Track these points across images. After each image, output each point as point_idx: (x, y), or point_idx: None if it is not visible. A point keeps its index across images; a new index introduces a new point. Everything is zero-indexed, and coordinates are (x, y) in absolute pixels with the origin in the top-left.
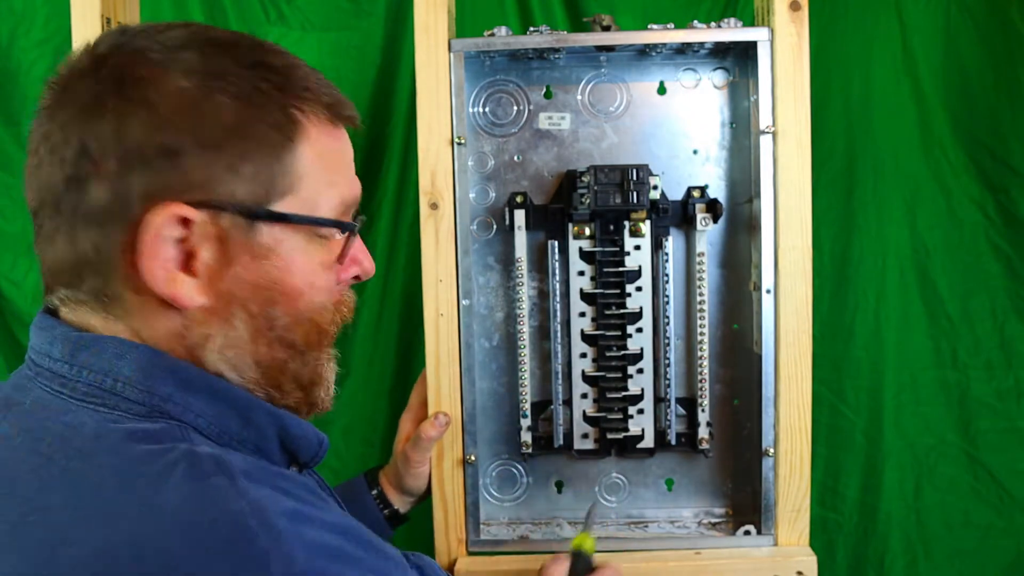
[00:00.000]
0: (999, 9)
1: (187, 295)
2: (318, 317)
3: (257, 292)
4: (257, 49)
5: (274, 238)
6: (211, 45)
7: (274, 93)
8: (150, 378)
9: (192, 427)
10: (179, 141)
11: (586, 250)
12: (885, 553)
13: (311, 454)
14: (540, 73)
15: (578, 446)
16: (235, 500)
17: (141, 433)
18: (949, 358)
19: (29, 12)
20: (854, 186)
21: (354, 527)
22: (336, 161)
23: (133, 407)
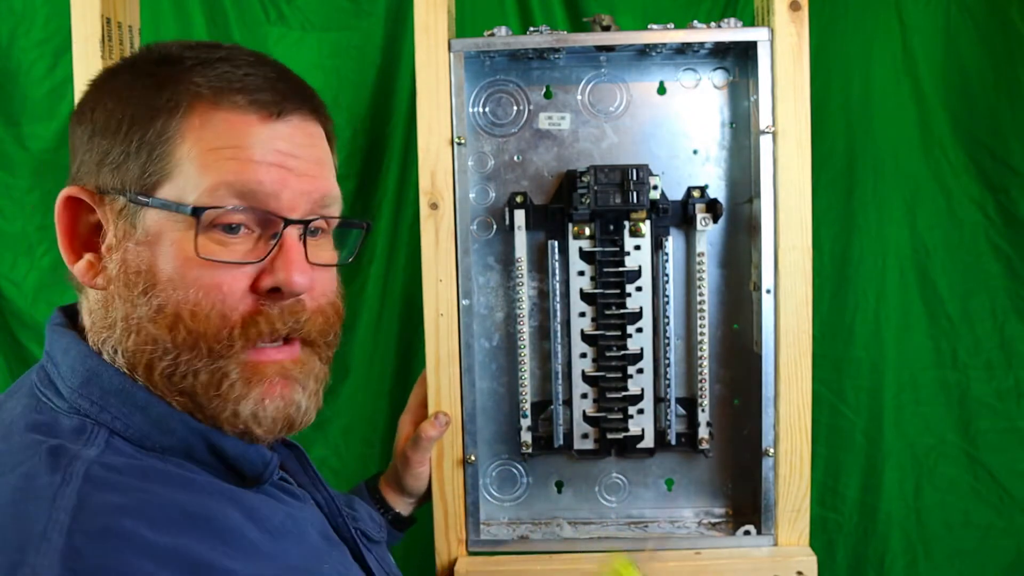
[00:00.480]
0: (999, 9)
1: (82, 270)
2: (188, 316)
3: (134, 277)
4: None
5: (157, 225)
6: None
7: (162, 85)
8: (79, 378)
9: (109, 429)
10: (80, 134)
11: (586, 250)
12: (885, 553)
13: (255, 472)
14: (540, 73)
15: (578, 446)
16: (43, 504)
17: (44, 427)
18: (949, 358)
19: (29, 12)
20: (854, 186)
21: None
22: (215, 145)
23: (60, 403)
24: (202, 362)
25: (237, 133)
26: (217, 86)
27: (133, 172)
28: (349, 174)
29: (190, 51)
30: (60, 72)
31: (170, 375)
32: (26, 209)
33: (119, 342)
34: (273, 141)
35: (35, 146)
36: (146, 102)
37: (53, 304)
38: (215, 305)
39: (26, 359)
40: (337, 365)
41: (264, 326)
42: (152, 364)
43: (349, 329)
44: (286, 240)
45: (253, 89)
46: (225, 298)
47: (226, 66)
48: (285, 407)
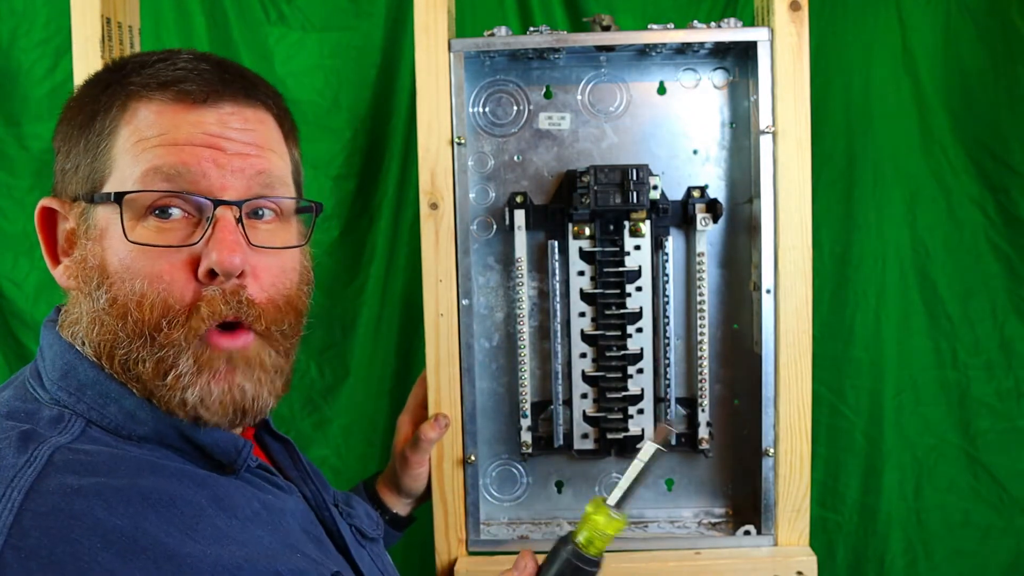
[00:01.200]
0: (999, 9)
1: (58, 274)
2: (134, 306)
3: (91, 272)
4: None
5: (103, 219)
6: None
7: (105, 88)
8: (59, 371)
9: (86, 419)
10: (55, 147)
11: (586, 250)
12: (885, 553)
13: (230, 459)
14: (540, 73)
15: (578, 446)
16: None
17: (23, 414)
18: (949, 358)
19: (29, 12)
20: (854, 186)
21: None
22: (144, 135)
23: (43, 394)
24: (147, 350)
25: (164, 121)
26: (147, 82)
27: (84, 173)
28: (349, 174)
29: (136, 57)
30: (60, 72)
31: (124, 363)
32: (27, 209)
33: (87, 335)
34: (201, 125)
35: (35, 146)
36: (92, 107)
37: (54, 304)
38: (159, 293)
39: (27, 359)
40: (337, 365)
41: (205, 310)
42: (112, 355)
43: (349, 329)
44: (219, 221)
45: (180, 80)
46: (168, 286)
47: (161, 65)
48: (231, 391)
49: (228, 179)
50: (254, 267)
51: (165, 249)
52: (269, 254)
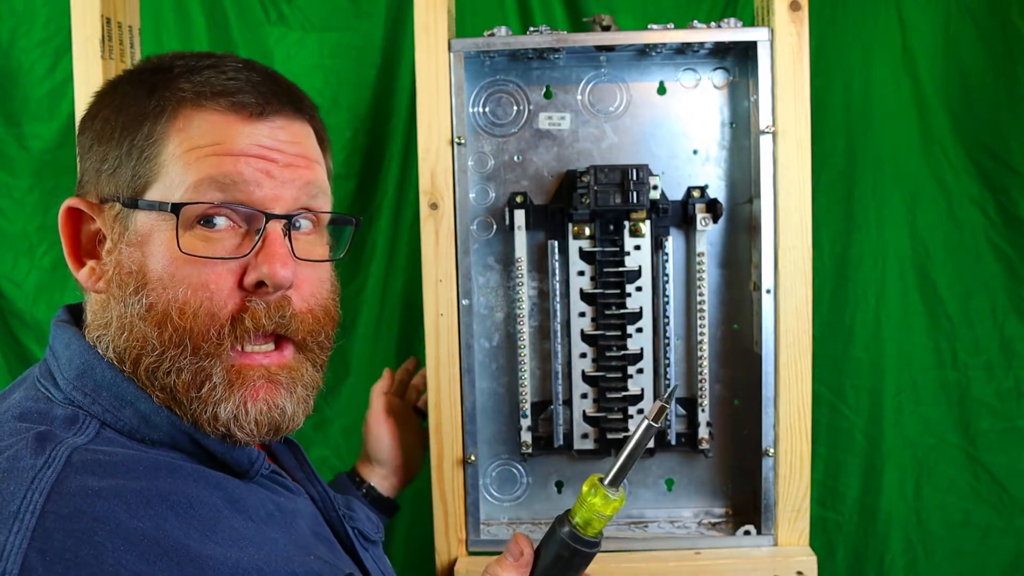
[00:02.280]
0: (999, 9)
1: (85, 277)
2: (176, 314)
3: (127, 278)
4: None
5: (147, 226)
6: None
7: (152, 92)
8: (75, 371)
9: (100, 420)
10: (83, 143)
11: (586, 250)
12: (885, 553)
13: (243, 468)
14: (540, 73)
15: (578, 446)
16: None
17: (36, 414)
18: (949, 358)
19: (29, 12)
20: (854, 186)
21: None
22: (198, 144)
23: (56, 394)
24: (186, 360)
25: (218, 131)
26: (201, 90)
27: (125, 177)
28: (349, 174)
29: (180, 60)
30: (60, 72)
31: (154, 371)
32: (27, 209)
33: (113, 339)
34: (255, 137)
35: (35, 146)
36: (137, 109)
37: (54, 304)
38: (203, 303)
39: (27, 358)
40: (337, 365)
41: (250, 323)
42: (139, 360)
43: (349, 329)
44: (269, 234)
45: (235, 91)
46: (212, 295)
47: (212, 72)
48: (269, 411)
49: (279, 191)
50: (297, 279)
51: (212, 259)
52: (310, 266)
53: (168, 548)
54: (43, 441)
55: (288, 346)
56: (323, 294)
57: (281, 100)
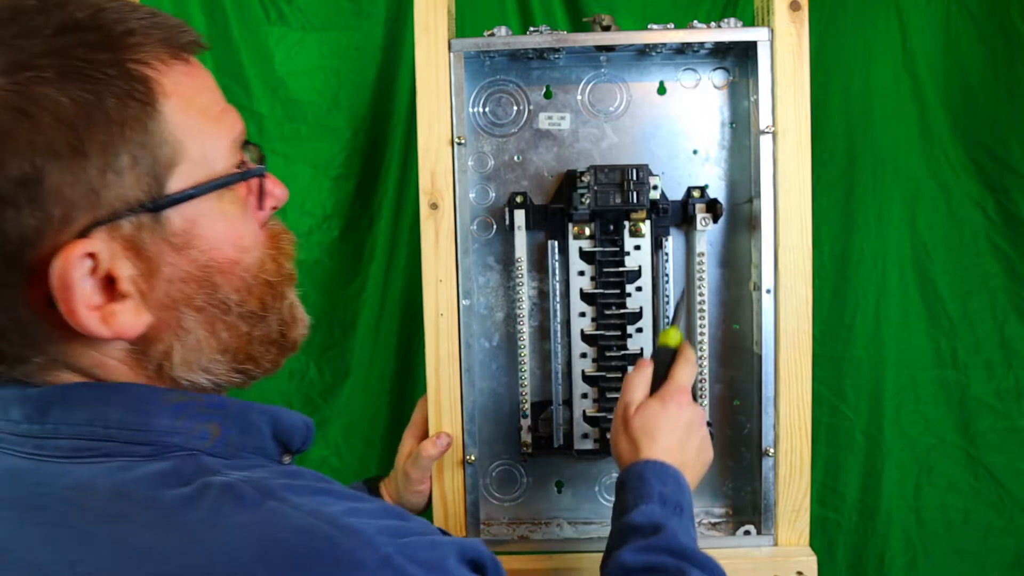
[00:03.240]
0: (999, 9)
1: (128, 324)
2: (264, 274)
3: (197, 284)
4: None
5: (187, 219)
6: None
7: (100, 56)
8: (146, 415)
9: (200, 451)
10: (28, 163)
11: (586, 250)
12: (885, 553)
13: (301, 440)
14: (540, 73)
15: (578, 446)
16: (296, 516)
17: (160, 477)
18: (949, 358)
19: None
20: (854, 186)
21: (392, 506)
22: (205, 103)
23: (136, 449)
24: (282, 303)
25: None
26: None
27: (139, 175)
28: (349, 174)
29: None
30: None
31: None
32: None
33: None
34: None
35: None
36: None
37: None
38: (267, 248)
39: None
40: (337, 365)
41: (287, 244)
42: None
43: (349, 329)
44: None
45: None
46: (263, 241)
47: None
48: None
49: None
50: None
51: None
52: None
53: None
54: (241, 495)
55: None
56: None
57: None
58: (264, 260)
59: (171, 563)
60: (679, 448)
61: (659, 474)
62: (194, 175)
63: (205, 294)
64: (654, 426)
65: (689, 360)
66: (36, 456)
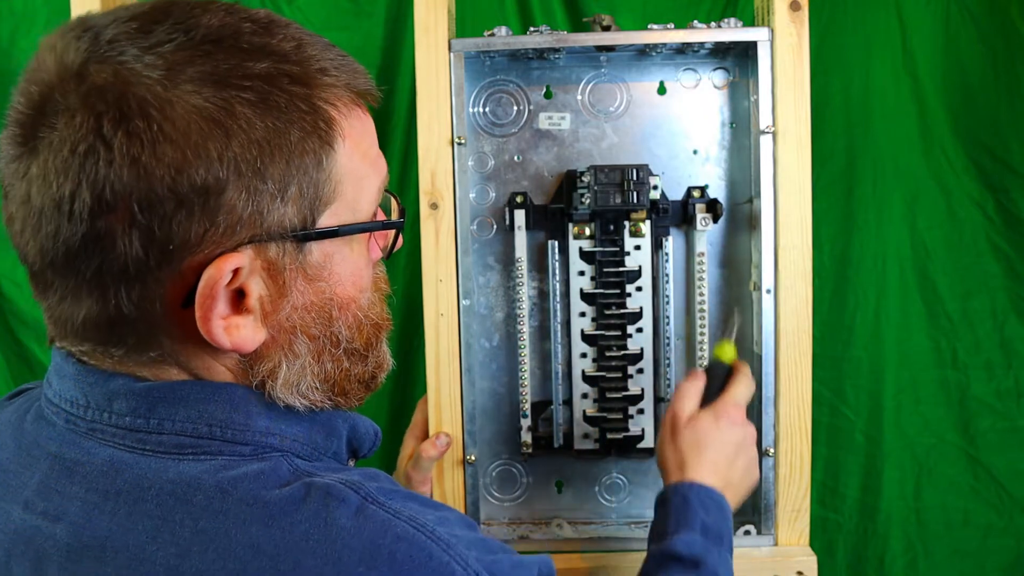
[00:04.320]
0: (999, 9)
1: (248, 338)
2: (373, 315)
3: (316, 314)
4: (260, 32)
5: (325, 254)
6: (208, 41)
7: (296, 89)
8: (247, 416)
9: (292, 453)
10: (213, 174)
11: (586, 250)
12: (885, 553)
13: (369, 445)
14: (540, 73)
15: (578, 446)
16: (396, 522)
17: (261, 477)
18: (949, 358)
19: (29, 13)
20: (854, 186)
21: (467, 518)
22: (367, 148)
23: (237, 449)
24: (380, 348)
25: (367, 127)
26: (338, 79)
27: (300, 205)
28: None
29: (293, 50)
30: None
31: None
32: None
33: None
34: (373, 126)
35: None
36: (288, 124)
37: None
38: (378, 296)
39: (27, 358)
40: None
41: (387, 285)
42: (348, 376)
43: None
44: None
45: (356, 71)
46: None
47: (319, 48)
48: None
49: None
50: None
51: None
52: None
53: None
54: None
55: None
56: None
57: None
58: (374, 302)
59: (278, 560)
60: (727, 467)
61: (703, 500)
62: (342, 215)
63: (322, 325)
64: (704, 441)
65: (747, 377)
66: (138, 450)
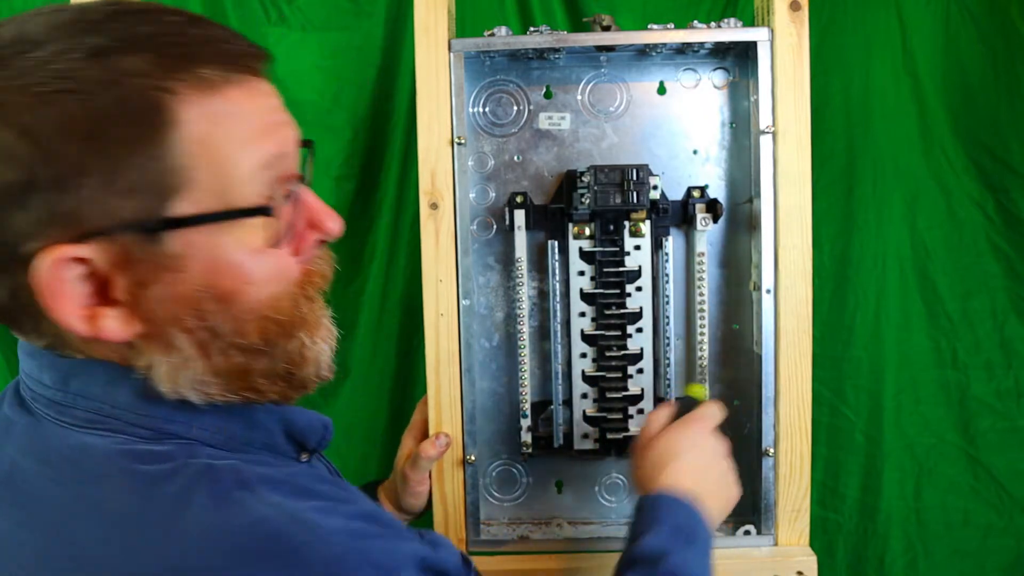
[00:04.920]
0: (999, 9)
1: (113, 328)
2: (271, 311)
3: (187, 306)
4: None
5: (186, 244)
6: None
7: (129, 80)
8: (147, 401)
9: (199, 442)
10: (33, 170)
11: (586, 250)
12: (885, 553)
13: (318, 439)
14: (540, 73)
15: (578, 446)
16: (260, 508)
17: (149, 455)
18: (949, 358)
19: None
20: (854, 186)
21: (372, 511)
22: (235, 127)
23: (138, 431)
24: (292, 342)
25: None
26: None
27: (141, 198)
28: (349, 174)
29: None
30: None
31: (270, 372)
32: None
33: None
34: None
35: None
36: (127, 111)
37: None
38: (285, 286)
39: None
40: (337, 365)
41: (319, 280)
42: (249, 371)
43: (349, 329)
44: (304, 194)
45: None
46: (291, 275)
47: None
48: (333, 342)
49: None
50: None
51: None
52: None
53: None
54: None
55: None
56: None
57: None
58: (280, 297)
59: (137, 528)
60: (700, 472)
61: (672, 504)
62: (204, 202)
63: (195, 318)
64: (675, 447)
65: (718, 404)
66: (59, 421)
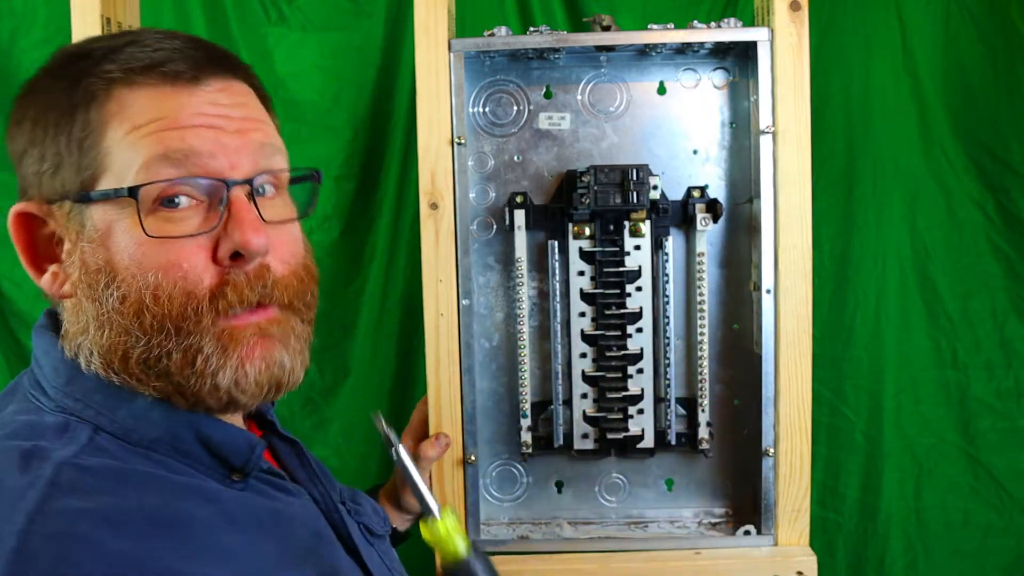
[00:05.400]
0: (999, 9)
1: (48, 284)
2: (149, 300)
3: (94, 275)
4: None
5: (106, 221)
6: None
7: (77, 81)
8: (63, 376)
9: (94, 425)
10: (14, 150)
11: (586, 250)
12: (885, 553)
13: (242, 459)
14: (540, 73)
15: (578, 446)
16: (4, 507)
17: (27, 427)
18: (949, 358)
19: (29, 13)
20: (854, 186)
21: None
22: (138, 123)
23: (47, 403)
24: (172, 342)
25: (157, 106)
26: (128, 67)
27: (69, 173)
28: (349, 174)
29: (98, 43)
30: None
31: (145, 361)
32: None
33: (94, 342)
34: (196, 106)
35: None
36: (66, 102)
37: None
38: (177, 283)
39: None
40: (337, 365)
41: (232, 296)
42: (128, 355)
43: (349, 329)
44: (235, 202)
45: (164, 61)
46: (186, 274)
47: (134, 48)
48: (268, 368)
49: (235, 158)
50: (272, 243)
51: (180, 238)
52: (283, 228)
53: (153, 571)
54: (29, 459)
55: (272, 307)
56: (301, 253)
57: (213, 63)
58: (162, 289)
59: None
60: None
61: None
62: (109, 184)
63: (94, 290)
64: None
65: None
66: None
